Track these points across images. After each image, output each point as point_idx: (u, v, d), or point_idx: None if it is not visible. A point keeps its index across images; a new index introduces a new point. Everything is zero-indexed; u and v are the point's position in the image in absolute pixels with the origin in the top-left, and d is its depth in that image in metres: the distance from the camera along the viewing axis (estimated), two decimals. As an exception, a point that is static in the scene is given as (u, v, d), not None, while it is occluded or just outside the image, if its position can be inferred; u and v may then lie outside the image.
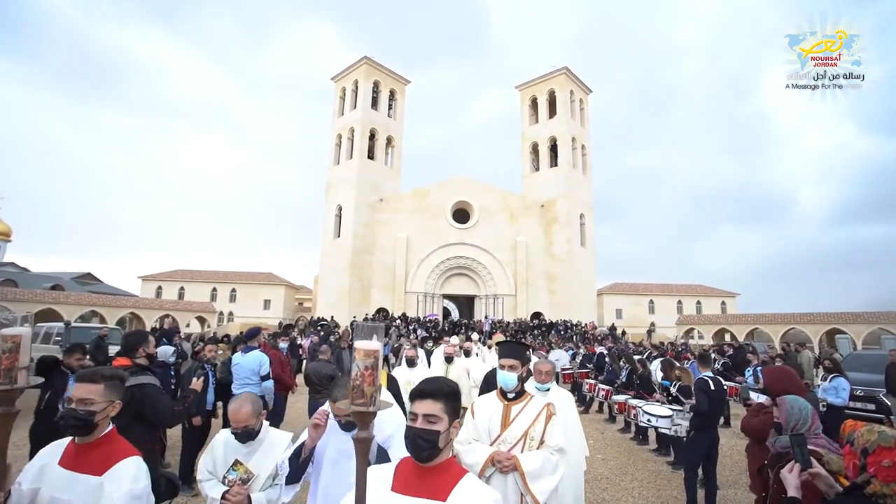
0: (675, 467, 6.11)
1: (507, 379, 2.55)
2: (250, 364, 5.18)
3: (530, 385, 3.34)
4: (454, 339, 11.06)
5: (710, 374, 5.05)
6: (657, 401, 6.74)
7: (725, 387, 8.81)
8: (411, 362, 5.30)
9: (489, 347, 11.71)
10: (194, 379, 3.58)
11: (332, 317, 27.10)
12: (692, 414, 4.97)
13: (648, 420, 6.23)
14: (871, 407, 8.51)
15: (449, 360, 6.69)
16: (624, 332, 30.13)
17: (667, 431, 5.87)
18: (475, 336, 13.63)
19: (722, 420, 8.64)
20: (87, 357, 5.20)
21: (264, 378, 5.28)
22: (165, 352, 7.43)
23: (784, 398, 2.45)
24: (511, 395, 2.58)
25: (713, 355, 11.95)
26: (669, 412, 5.98)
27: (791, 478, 1.79)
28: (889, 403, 8.12)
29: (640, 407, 6.43)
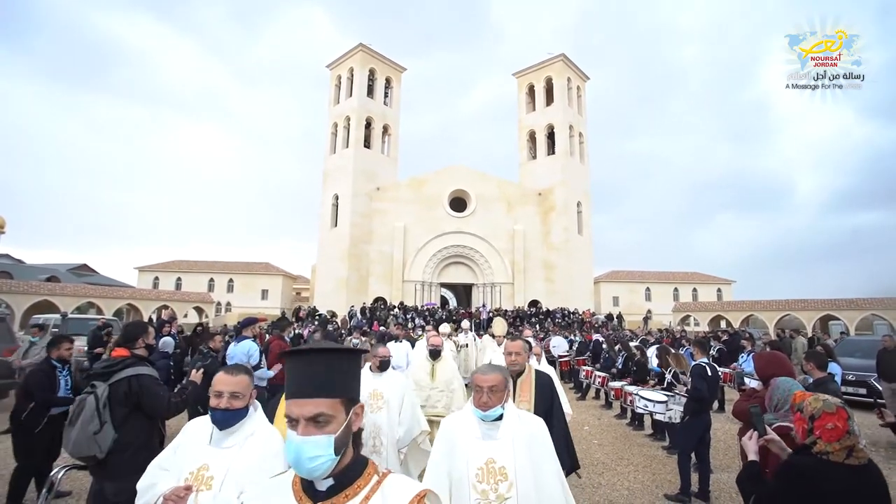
0: (671, 452, 6.21)
1: (304, 455, 1.00)
2: (240, 354, 5.19)
3: (465, 416, 2.12)
4: (444, 328, 9.84)
5: (706, 360, 5.12)
6: (652, 387, 6.84)
7: (720, 373, 8.95)
8: (383, 365, 3.76)
9: (492, 336, 9.16)
10: (193, 371, 3.59)
11: (314, 306, 27.36)
12: (687, 399, 5.05)
13: (645, 406, 6.34)
14: (863, 391, 8.65)
15: (435, 355, 4.77)
16: (621, 316, 30.33)
17: (661, 417, 5.96)
18: (465, 324, 11.96)
19: (716, 405, 8.78)
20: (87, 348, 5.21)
21: (256, 367, 5.30)
22: (168, 343, 7.47)
23: (775, 380, 2.65)
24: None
25: (711, 342, 12.09)
26: (665, 398, 6.08)
27: (751, 444, 2.06)
28: (880, 388, 8.24)
29: (636, 393, 6.54)
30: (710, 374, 4.88)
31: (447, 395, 4.61)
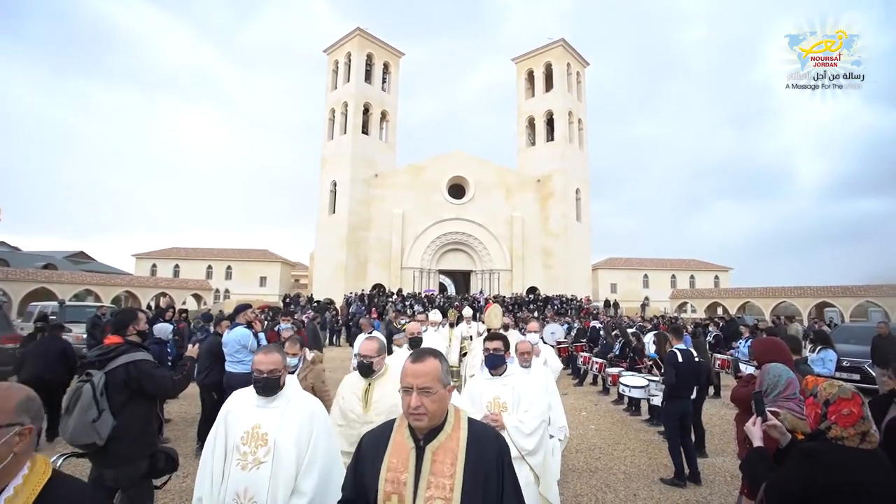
0: (666, 437, 6.28)
1: None
2: (233, 342, 5.18)
3: None
4: (434, 315, 7.94)
5: (683, 346, 5.13)
6: (650, 373, 6.90)
7: (713, 358, 8.99)
8: (268, 385, 2.19)
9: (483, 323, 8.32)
10: (190, 345, 3.61)
11: (304, 294, 27.62)
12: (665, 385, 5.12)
13: (623, 390, 6.51)
14: (856, 377, 8.72)
15: (366, 371, 2.79)
16: (617, 304, 30.50)
17: (649, 400, 6.09)
18: (468, 311, 9.31)
19: (712, 391, 8.86)
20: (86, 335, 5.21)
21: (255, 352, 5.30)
22: (164, 329, 7.42)
23: (767, 365, 2.68)
24: None
25: (710, 327, 12.18)
26: (645, 382, 6.18)
27: (755, 430, 2.06)
28: (874, 374, 8.31)
29: (619, 378, 6.71)
30: (681, 360, 4.89)
31: None
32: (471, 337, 7.86)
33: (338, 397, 2.92)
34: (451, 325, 8.09)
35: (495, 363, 2.99)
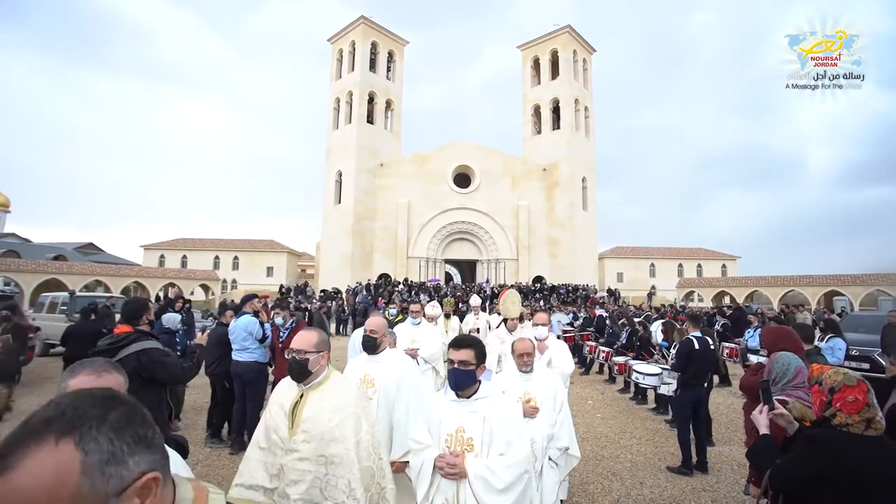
0: (673, 425, 6.28)
1: None
2: (240, 329, 5.23)
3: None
4: (432, 308, 6.19)
5: (699, 334, 5.10)
6: (656, 361, 6.88)
7: (721, 347, 8.96)
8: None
9: (498, 314, 6.57)
10: (199, 333, 3.66)
11: (302, 283, 28.29)
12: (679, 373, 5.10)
13: (637, 378, 6.49)
14: (866, 366, 8.65)
15: (301, 373, 2.10)
16: (617, 292, 30.42)
17: (656, 388, 6.06)
18: (475, 300, 8.47)
19: (717, 380, 8.84)
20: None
21: (262, 340, 5.33)
22: (173, 319, 7.50)
23: (776, 354, 2.67)
24: None
25: (716, 317, 12.11)
26: (658, 370, 6.16)
27: (761, 418, 2.07)
28: (884, 363, 8.24)
29: (631, 366, 6.67)
30: (697, 347, 4.86)
31: (326, 471, 1.98)
32: (478, 329, 7.07)
33: (266, 410, 2.19)
34: (447, 316, 7.07)
35: (460, 382, 2.10)
